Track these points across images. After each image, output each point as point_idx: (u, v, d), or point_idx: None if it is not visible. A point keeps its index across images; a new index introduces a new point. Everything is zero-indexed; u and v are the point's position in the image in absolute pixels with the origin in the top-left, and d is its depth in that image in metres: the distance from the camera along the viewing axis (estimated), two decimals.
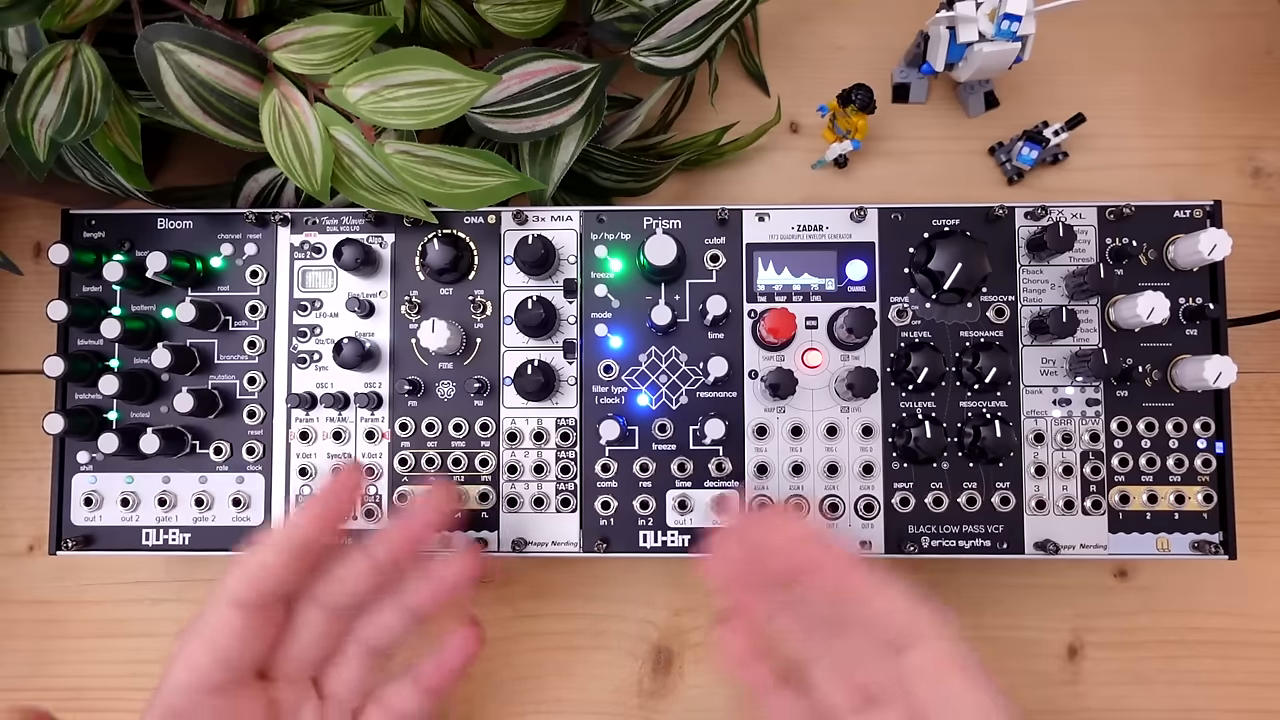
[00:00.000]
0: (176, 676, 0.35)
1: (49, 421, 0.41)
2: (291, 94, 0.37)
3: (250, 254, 0.43)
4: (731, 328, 0.43)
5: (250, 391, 0.43)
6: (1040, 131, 0.48)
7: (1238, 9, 0.51)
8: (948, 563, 0.48)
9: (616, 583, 0.49)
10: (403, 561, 0.38)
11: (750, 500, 0.42)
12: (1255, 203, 0.50)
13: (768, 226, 0.43)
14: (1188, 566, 0.48)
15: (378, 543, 0.37)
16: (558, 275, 0.43)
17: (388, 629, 0.38)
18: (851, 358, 0.42)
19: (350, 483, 0.38)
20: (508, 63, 0.40)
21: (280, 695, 0.37)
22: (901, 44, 0.50)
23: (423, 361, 0.43)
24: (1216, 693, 0.47)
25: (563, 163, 0.43)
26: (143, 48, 0.34)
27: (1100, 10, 0.50)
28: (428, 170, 0.38)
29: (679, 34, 0.43)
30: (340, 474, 0.38)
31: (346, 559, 0.37)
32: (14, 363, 0.50)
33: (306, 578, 0.37)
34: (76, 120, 0.35)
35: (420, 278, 0.43)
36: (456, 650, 0.40)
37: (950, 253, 0.41)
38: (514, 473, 0.42)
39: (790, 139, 0.51)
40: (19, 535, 0.49)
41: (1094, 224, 0.42)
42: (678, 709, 0.48)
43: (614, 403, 0.43)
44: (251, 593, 0.35)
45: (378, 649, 0.39)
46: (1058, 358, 0.42)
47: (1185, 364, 0.41)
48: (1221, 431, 0.42)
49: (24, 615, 0.48)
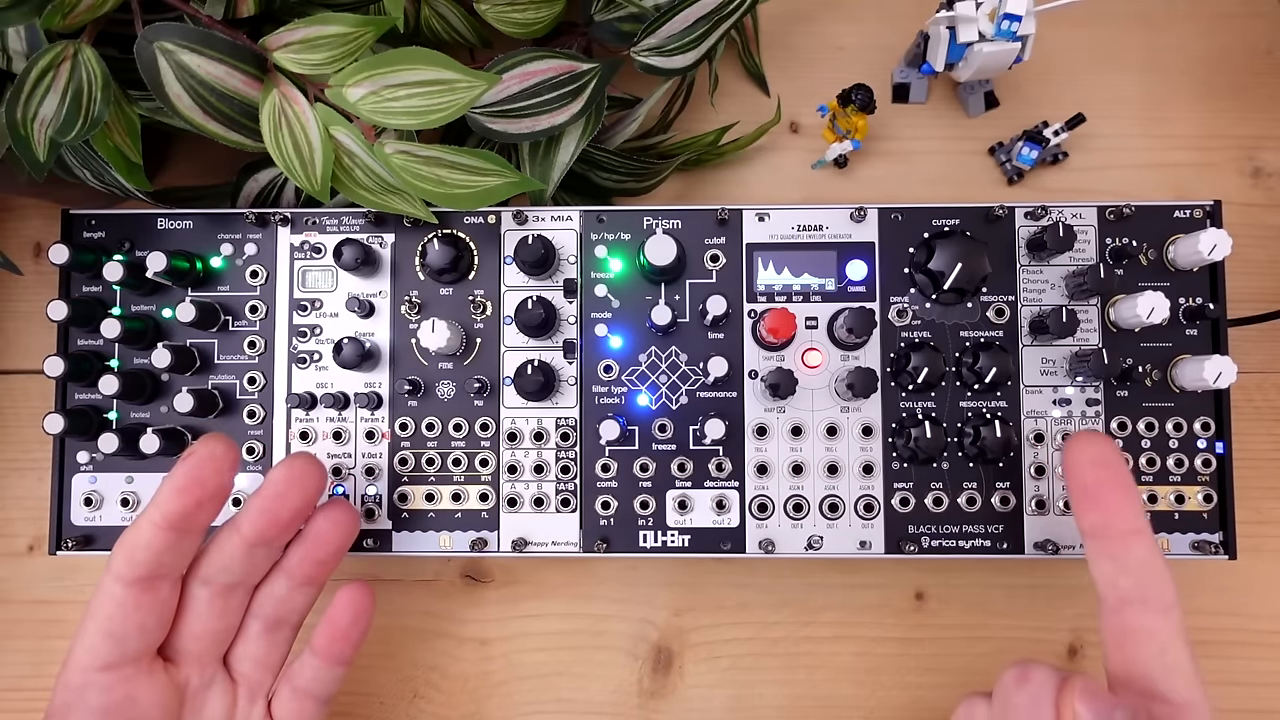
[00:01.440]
0: (71, 655, 0.35)
1: (49, 421, 0.41)
2: (291, 94, 0.37)
3: (250, 254, 0.43)
4: (731, 328, 0.43)
5: (250, 391, 0.43)
6: (1040, 131, 0.48)
7: (1238, 9, 0.51)
8: (948, 563, 0.48)
9: (616, 583, 0.49)
10: (273, 539, 0.37)
11: None
12: (1255, 203, 0.50)
13: (768, 226, 0.43)
14: (1187, 566, 0.48)
15: (242, 517, 0.37)
16: (558, 275, 0.43)
17: (280, 600, 0.38)
18: (851, 358, 0.43)
19: (216, 452, 0.35)
20: (508, 63, 0.40)
21: (185, 676, 0.37)
22: (901, 44, 0.50)
23: (423, 361, 0.43)
24: (1216, 693, 0.47)
25: (563, 163, 0.43)
26: (143, 48, 0.34)
27: (1100, 10, 0.50)
28: (428, 170, 0.38)
29: (679, 34, 0.43)
30: (202, 444, 0.36)
31: (218, 535, 0.37)
32: (14, 363, 0.50)
33: (185, 555, 0.36)
34: (76, 120, 0.35)
35: (420, 278, 0.43)
36: (343, 608, 0.39)
37: (950, 253, 0.41)
38: (514, 473, 0.42)
39: (790, 139, 0.51)
40: (19, 535, 0.49)
41: (1094, 224, 0.42)
42: (678, 709, 0.48)
43: (614, 403, 0.43)
44: (131, 568, 0.35)
45: (276, 621, 0.39)
46: (1058, 358, 0.42)
47: (1185, 364, 0.41)
48: (1221, 431, 0.42)
49: (24, 615, 0.48)
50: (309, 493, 0.37)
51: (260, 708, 0.39)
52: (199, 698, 0.38)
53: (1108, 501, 0.34)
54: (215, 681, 0.38)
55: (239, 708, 0.39)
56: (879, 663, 0.48)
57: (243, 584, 0.38)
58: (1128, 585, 0.34)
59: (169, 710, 0.36)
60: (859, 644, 0.48)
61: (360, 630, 0.40)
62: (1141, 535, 0.34)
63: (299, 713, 0.39)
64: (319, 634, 0.39)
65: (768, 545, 0.42)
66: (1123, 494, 0.34)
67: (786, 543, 0.42)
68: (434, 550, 0.42)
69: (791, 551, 0.42)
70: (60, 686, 0.35)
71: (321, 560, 0.39)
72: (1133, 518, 0.34)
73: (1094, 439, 0.35)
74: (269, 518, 0.36)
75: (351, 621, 0.39)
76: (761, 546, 0.42)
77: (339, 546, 0.39)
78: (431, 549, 0.42)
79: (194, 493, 0.35)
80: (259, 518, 0.36)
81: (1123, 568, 0.34)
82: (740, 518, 0.42)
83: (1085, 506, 0.35)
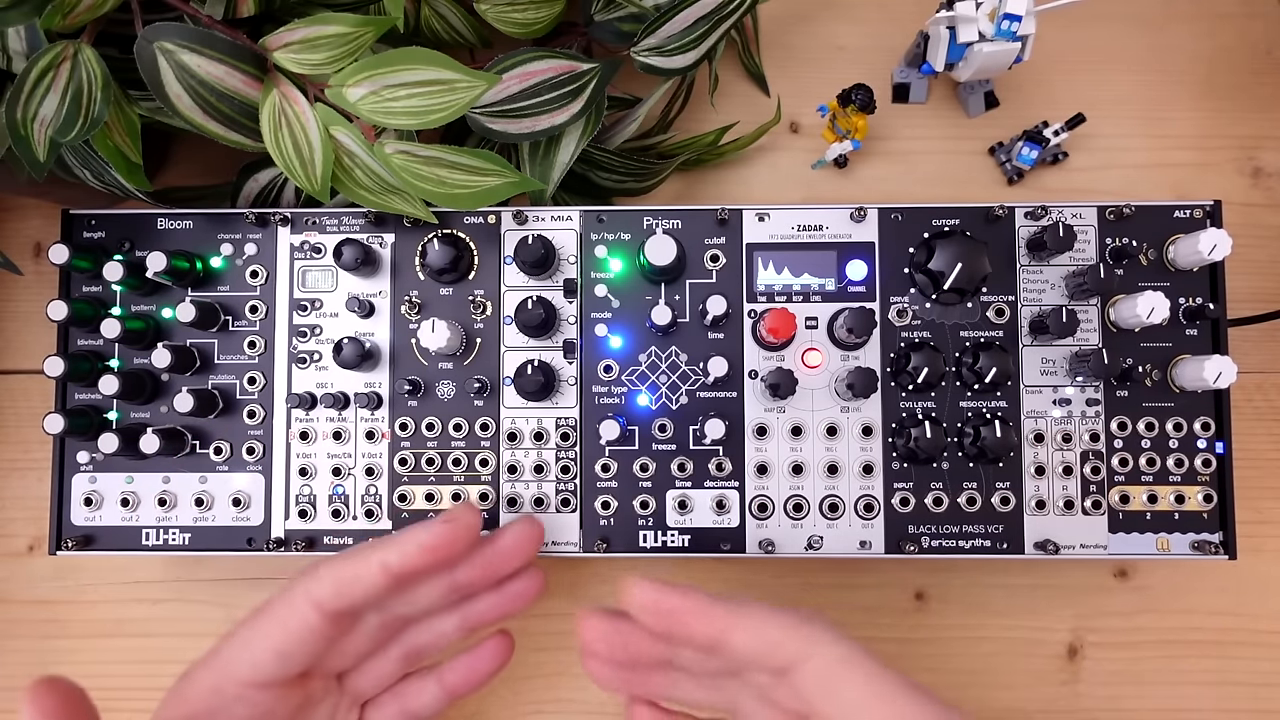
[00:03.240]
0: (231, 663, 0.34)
1: (49, 421, 0.41)
2: (291, 94, 0.37)
3: (250, 254, 0.43)
4: (731, 328, 0.43)
5: (250, 391, 0.43)
6: (1040, 131, 0.48)
7: (1238, 9, 0.51)
8: (948, 563, 0.48)
9: (617, 583, 0.48)
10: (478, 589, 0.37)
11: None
12: (1255, 203, 0.50)
13: (768, 226, 0.43)
14: (1187, 566, 0.48)
15: (464, 569, 0.36)
16: (558, 275, 0.43)
17: (440, 636, 0.38)
18: (851, 358, 0.42)
19: (473, 525, 0.36)
20: (508, 63, 0.40)
21: (313, 690, 0.37)
22: (901, 44, 0.50)
23: (423, 361, 0.43)
24: (1216, 693, 0.47)
25: (563, 163, 0.43)
26: (143, 48, 0.34)
27: (1100, 10, 0.50)
28: (428, 170, 0.38)
29: (679, 34, 0.43)
30: (464, 513, 0.36)
31: (429, 582, 0.36)
32: (14, 363, 0.50)
33: (392, 603, 0.36)
34: (76, 120, 0.35)
35: (420, 278, 0.43)
36: (488, 656, 0.39)
37: (950, 253, 0.41)
38: (514, 473, 0.42)
39: (790, 139, 0.51)
40: (19, 535, 0.49)
41: (1094, 224, 0.42)
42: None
43: (614, 403, 0.43)
44: (339, 600, 0.34)
45: (420, 653, 0.38)
46: (1058, 358, 0.42)
47: (1185, 364, 0.41)
48: (1221, 431, 0.42)
49: (24, 615, 0.48)
50: (531, 557, 0.37)
51: (355, 715, 0.39)
52: (317, 708, 0.37)
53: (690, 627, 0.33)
54: (331, 692, 0.38)
55: (339, 714, 0.38)
56: None
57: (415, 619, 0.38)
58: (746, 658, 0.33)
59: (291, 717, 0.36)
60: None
61: (493, 677, 0.40)
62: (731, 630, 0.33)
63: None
64: (456, 670, 0.39)
65: (768, 545, 0.42)
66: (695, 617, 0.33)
67: (786, 543, 0.42)
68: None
69: (791, 551, 0.42)
70: (209, 691, 0.34)
71: (505, 615, 0.38)
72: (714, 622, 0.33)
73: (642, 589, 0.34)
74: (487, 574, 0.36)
75: (493, 670, 0.39)
76: (761, 547, 0.42)
77: (523, 608, 0.39)
78: None
79: (439, 554, 0.34)
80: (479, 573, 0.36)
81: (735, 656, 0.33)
82: (740, 518, 0.42)
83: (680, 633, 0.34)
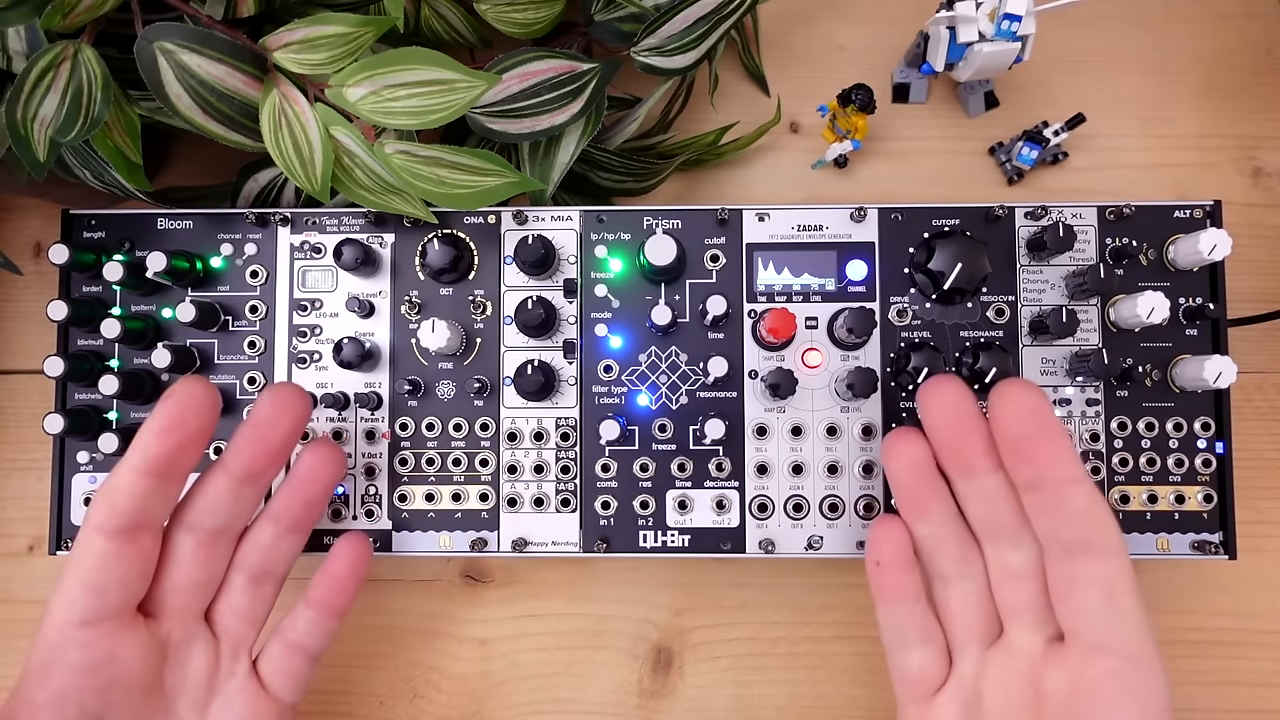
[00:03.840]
0: (50, 611, 0.34)
1: (49, 421, 0.41)
2: (291, 94, 0.37)
3: (250, 254, 0.43)
4: (731, 328, 0.43)
5: (250, 391, 0.43)
6: (1040, 131, 0.48)
7: (1238, 9, 0.51)
8: None
9: (616, 583, 0.49)
10: (262, 472, 0.36)
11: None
12: (1255, 203, 0.50)
13: (768, 226, 0.43)
14: (1188, 566, 0.48)
15: (229, 454, 0.36)
16: (558, 275, 0.43)
17: (266, 549, 0.37)
18: (851, 358, 0.43)
19: (195, 393, 0.34)
20: (508, 63, 0.40)
21: (167, 631, 0.36)
22: (901, 44, 0.50)
23: (423, 361, 0.43)
24: (1217, 693, 0.47)
25: (563, 163, 0.43)
26: (143, 48, 0.34)
27: (1100, 10, 0.50)
28: (428, 170, 0.38)
29: (679, 34, 0.43)
30: (181, 385, 0.34)
31: (203, 477, 0.36)
32: (14, 363, 0.50)
33: (168, 502, 0.35)
34: (76, 120, 0.35)
35: (420, 278, 0.43)
36: (341, 557, 0.38)
37: (950, 253, 0.41)
38: (514, 473, 0.42)
39: (790, 139, 0.51)
40: (19, 535, 0.49)
41: (1094, 224, 0.42)
42: (678, 709, 0.48)
43: (614, 403, 0.43)
44: (112, 517, 0.34)
45: (262, 573, 0.38)
46: (1058, 358, 0.42)
47: (1185, 364, 0.41)
48: (1221, 431, 0.42)
49: (24, 615, 0.48)
50: (297, 418, 0.36)
51: (244, 664, 0.38)
52: (181, 653, 0.36)
53: (1041, 454, 0.33)
54: (198, 637, 0.37)
55: (222, 664, 0.37)
56: (879, 663, 0.48)
57: (228, 530, 0.37)
58: (1070, 536, 0.33)
59: (151, 667, 0.35)
60: (859, 644, 0.48)
61: (357, 580, 0.39)
62: (1079, 484, 0.33)
63: (289, 669, 0.38)
64: (315, 585, 0.38)
65: (768, 545, 0.42)
66: (1056, 445, 0.33)
67: (786, 543, 0.42)
68: (434, 550, 0.42)
69: (791, 551, 0.42)
70: (38, 645, 0.34)
71: (309, 501, 0.38)
72: (1068, 467, 0.33)
73: (1022, 390, 0.33)
74: (258, 447, 0.35)
75: (349, 571, 0.38)
76: (761, 546, 0.42)
77: (327, 485, 0.38)
78: (431, 549, 0.42)
79: (175, 434, 0.34)
80: (247, 448, 0.35)
81: (1063, 519, 0.33)
82: (740, 518, 0.42)
83: (1017, 461, 0.33)
